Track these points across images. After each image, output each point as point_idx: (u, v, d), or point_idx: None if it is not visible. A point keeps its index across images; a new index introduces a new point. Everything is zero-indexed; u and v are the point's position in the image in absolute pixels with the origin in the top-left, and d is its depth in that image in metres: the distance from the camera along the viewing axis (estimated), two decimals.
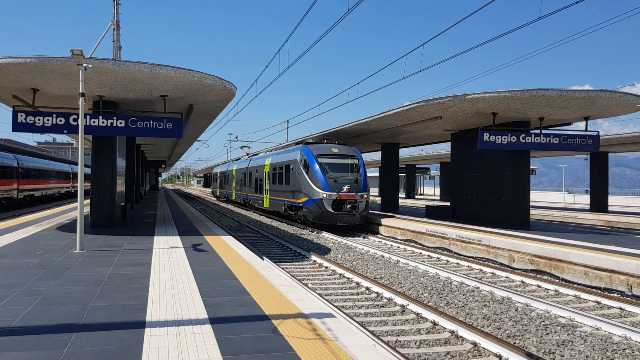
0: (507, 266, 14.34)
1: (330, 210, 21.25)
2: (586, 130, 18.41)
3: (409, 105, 17.39)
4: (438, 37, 15.17)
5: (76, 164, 59.53)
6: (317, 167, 22.14)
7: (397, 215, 24.26)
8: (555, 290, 11.26)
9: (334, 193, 21.32)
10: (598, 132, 18.31)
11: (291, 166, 24.57)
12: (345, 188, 21.55)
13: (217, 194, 58.31)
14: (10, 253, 10.57)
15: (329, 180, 21.63)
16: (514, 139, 17.56)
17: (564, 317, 8.89)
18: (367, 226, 23.79)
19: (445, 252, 16.50)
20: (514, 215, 19.28)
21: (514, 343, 7.57)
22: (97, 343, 4.98)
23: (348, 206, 21.29)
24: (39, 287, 7.44)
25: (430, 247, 18.09)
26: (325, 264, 13.94)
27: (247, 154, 46.55)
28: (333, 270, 13.26)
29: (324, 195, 21.28)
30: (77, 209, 11.41)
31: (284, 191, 26.29)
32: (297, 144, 27.53)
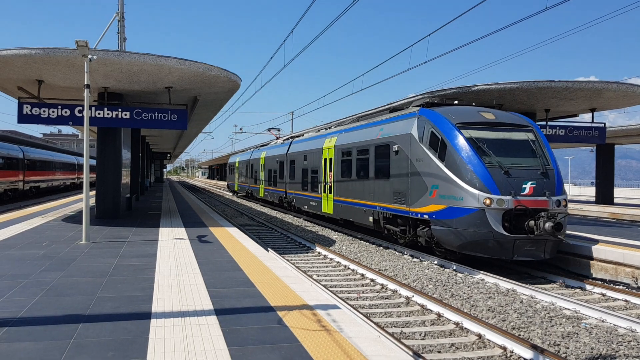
0: None
1: (501, 231, 11.29)
2: (592, 122, 18.30)
3: (414, 97, 17.30)
4: (443, 28, 15.03)
5: (81, 155, 59.72)
6: (463, 144, 12.09)
7: None
8: (561, 282, 11.23)
9: (507, 197, 11.35)
10: (604, 123, 18.22)
11: (394, 147, 14.56)
12: (529, 187, 11.59)
13: (236, 189, 46.15)
14: (16, 244, 10.64)
15: (494, 172, 11.67)
16: None
17: (569, 309, 8.87)
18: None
19: None
20: None
21: (519, 335, 7.56)
22: (103, 334, 5.01)
23: (546, 224, 11.02)
24: (45, 278, 7.48)
25: None
26: (330, 255, 13.96)
27: (278, 137, 36.94)
28: (338, 262, 13.28)
29: (487, 201, 11.36)
30: (83, 201, 11.46)
31: (370, 188, 16.21)
32: (392, 110, 16.95)
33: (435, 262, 13.09)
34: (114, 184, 16.04)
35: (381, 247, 15.72)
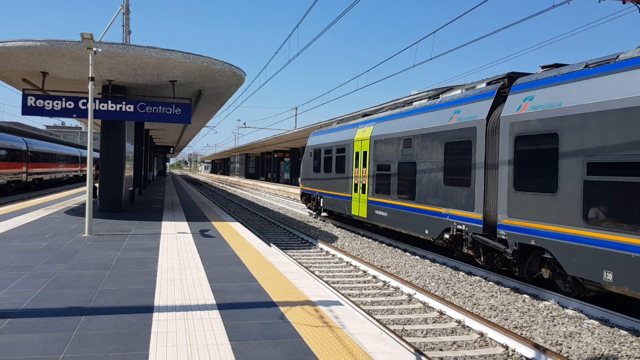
0: None
1: None
2: None
3: (418, 93, 17.26)
4: (449, 25, 14.95)
5: (85, 148, 59.86)
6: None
7: None
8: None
9: None
10: None
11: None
12: None
13: (355, 212, 17.79)
14: (19, 236, 10.66)
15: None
16: None
17: (571, 309, 8.85)
18: None
19: None
20: None
21: (521, 334, 7.55)
22: (105, 326, 5.01)
23: None
24: (48, 270, 7.49)
25: None
26: (332, 251, 13.96)
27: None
28: (340, 258, 13.27)
29: None
30: (86, 193, 11.47)
31: None
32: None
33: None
34: (117, 177, 16.05)
35: (383, 244, 15.71)
